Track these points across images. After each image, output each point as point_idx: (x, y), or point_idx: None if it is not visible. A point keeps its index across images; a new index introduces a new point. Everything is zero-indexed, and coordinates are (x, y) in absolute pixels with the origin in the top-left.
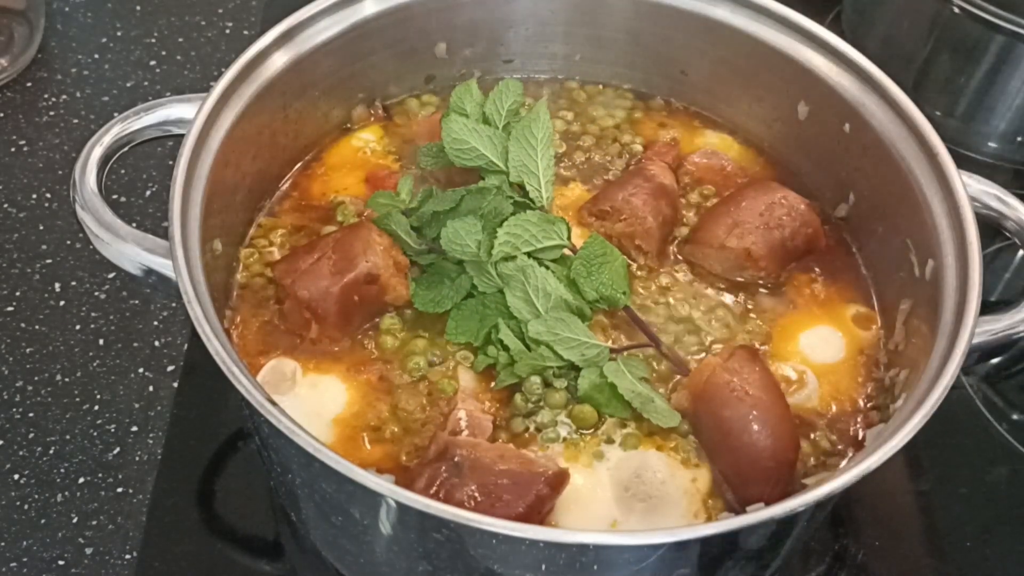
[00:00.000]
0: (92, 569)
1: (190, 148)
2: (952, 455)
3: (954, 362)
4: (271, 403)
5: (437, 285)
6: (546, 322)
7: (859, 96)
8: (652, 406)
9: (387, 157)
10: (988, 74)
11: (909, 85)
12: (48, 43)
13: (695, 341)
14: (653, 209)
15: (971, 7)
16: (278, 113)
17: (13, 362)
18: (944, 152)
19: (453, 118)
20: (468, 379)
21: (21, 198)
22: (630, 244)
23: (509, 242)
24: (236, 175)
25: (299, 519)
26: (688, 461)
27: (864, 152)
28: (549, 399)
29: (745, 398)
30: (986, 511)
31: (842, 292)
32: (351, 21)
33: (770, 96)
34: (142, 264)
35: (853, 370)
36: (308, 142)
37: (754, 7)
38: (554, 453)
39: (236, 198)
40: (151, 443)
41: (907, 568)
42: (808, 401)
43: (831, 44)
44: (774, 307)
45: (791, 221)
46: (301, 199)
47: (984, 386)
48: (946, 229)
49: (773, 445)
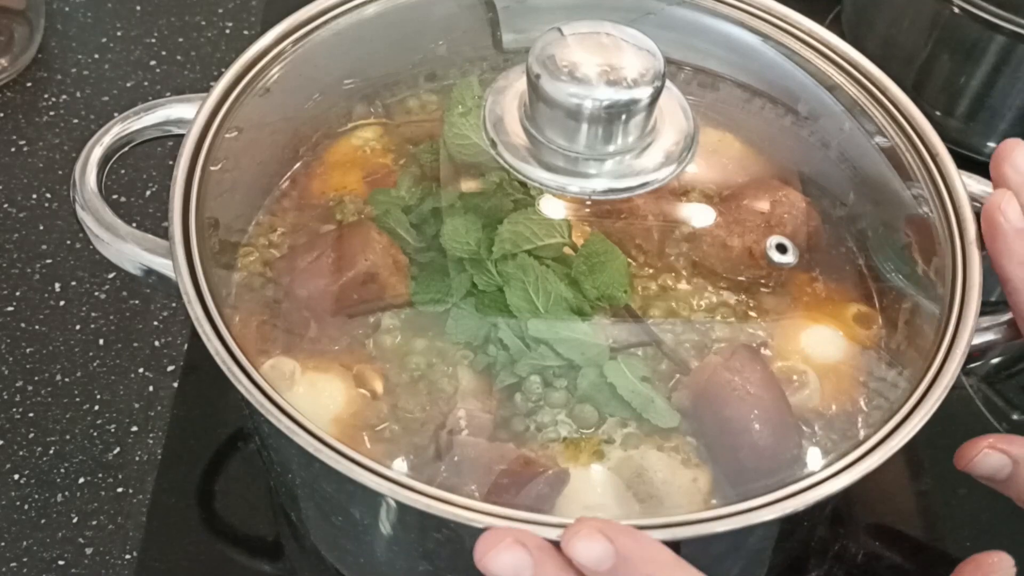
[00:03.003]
0: (92, 569)
1: (191, 148)
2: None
3: (954, 362)
4: (271, 403)
5: (436, 283)
6: (546, 321)
7: (858, 96)
8: (652, 406)
9: (386, 155)
10: (988, 74)
11: (909, 85)
12: (48, 43)
13: (696, 340)
14: (650, 207)
15: (971, 7)
16: (277, 112)
17: (13, 362)
18: (944, 152)
19: (455, 113)
20: (468, 378)
21: (21, 198)
22: (630, 243)
23: (510, 239)
24: (235, 174)
25: (299, 519)
26: (689, 461)
27: (863, 152)
28: (549, 398)
29: (747, 397)
30: (986, 511)
31: (843, 291)
32: (351, 21)
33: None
34: (142, 264)
35: (854, 369)
36: (307, 141)
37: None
38: (554, 452)
39: (235, 197)
40: (151, 443)
41: (907, 568)
42: (809, 400)
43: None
44: (775, 306)
45: (792, 219)
46: (300, 198)
47: (984, 386)
48: (946, 229)
49: (775, 444)
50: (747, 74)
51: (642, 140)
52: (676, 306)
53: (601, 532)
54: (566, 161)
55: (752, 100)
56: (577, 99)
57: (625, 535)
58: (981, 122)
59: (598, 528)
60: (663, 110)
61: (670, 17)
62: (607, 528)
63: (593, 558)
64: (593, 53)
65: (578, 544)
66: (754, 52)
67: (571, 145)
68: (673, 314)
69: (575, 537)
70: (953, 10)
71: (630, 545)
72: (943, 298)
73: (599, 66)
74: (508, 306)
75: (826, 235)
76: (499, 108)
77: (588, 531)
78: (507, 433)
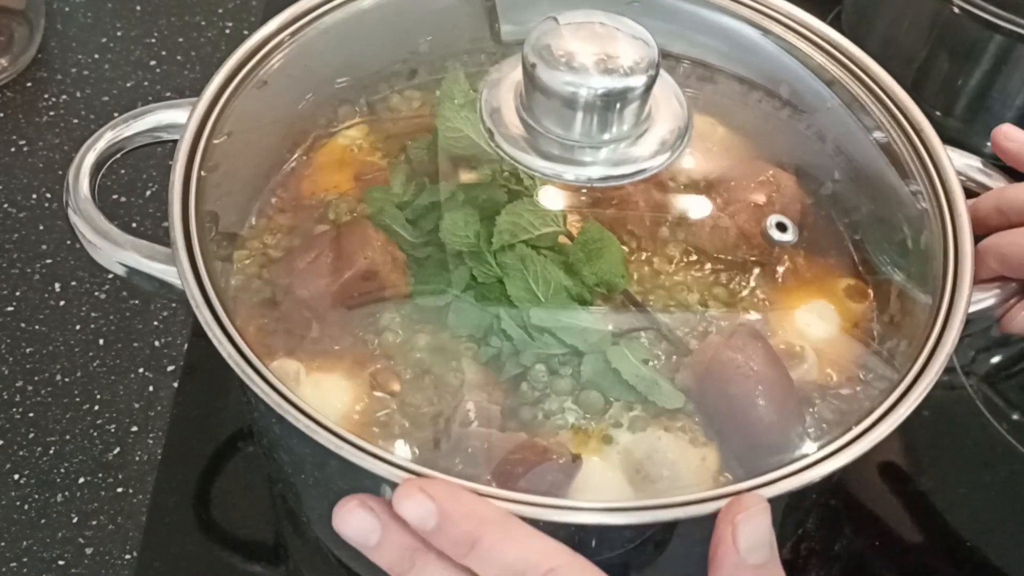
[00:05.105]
0: (92, 569)
1: (185, 154)
2: (952, 455)
3: (952, 332)
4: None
5: (436, 278)
6: (548, 309)
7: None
8: (657, 388)
9: (374, 153)
10: (988, 74)
11: (908, 84)
12: (48, 43)
13: (694, 321)
14: (642, 193)
15: (971, 7)
16: (266, 115)
17: (13, 362)
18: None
19: (447, 106)
20: (473, 370)
21: (21, 198)
22: (621, 229)
23: (509, 230)
24: (228, 178)
25: (306, 518)
26: (696, 440)
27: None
28: (555, 386)
29: (751, 374)
30: (986, 511)
31: (833, 266)
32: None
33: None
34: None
35: (850, 343)
36: (296, 142)
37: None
38: (564, 439)
39: (230, 200)
40: (151, 443)
41: (907, 568)
42: (808, 375)
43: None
44: (768, 284)
45: (780, 198)
46: (292, 199)
47: (984, 386)
48: (934, 204)
49: (781, 419)
50: (743, 66)
51: (637, 128)
52: (673, 289)
53: (423, 491)
54: (562, 149)
55: (749, 92)
56: (573, 88)
57: (446, 493)
58: (980, 122)
59: (419, 487)
60: (658, 99)
61: (667, 9)
62: (429, 486)
63: (417, 517)
64: (588, 42)
65: (402, 504)
66: (751, 44)
67: (567, 133)
68: (671, 297)
69: (400, 497)
70: (953, 10)
71: (451, 503)
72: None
73: (594, 55)
74: (509, 297)
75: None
76: (495, 99)
77: (409, 490)
78: (516, 423)
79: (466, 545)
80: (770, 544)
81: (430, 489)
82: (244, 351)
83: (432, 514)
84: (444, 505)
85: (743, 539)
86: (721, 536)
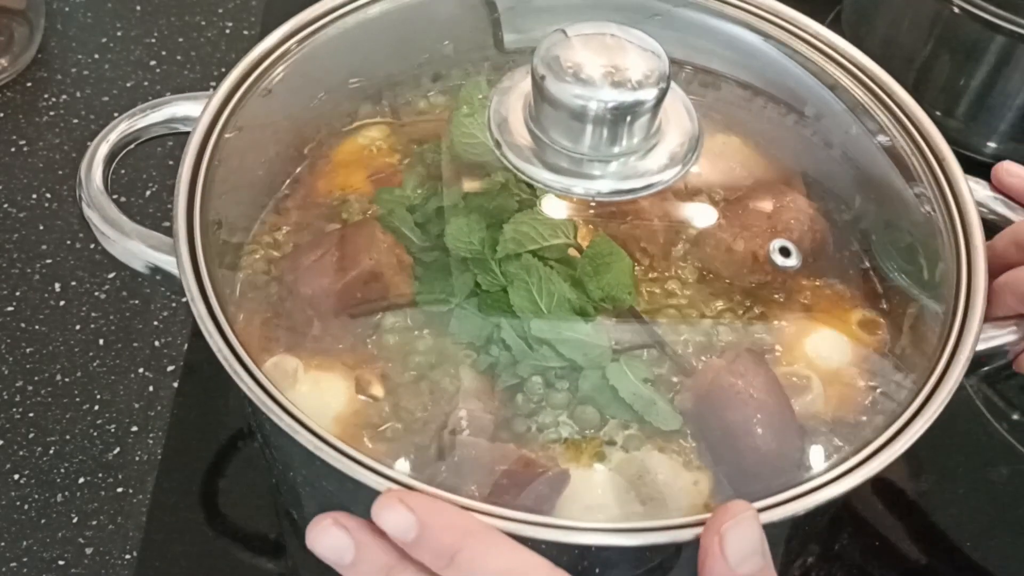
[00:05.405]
0: (92, 569)
1: (196, 146)
2: (952, 455)
3: (957, 367)
4: (273, 401)
5: (440, 283)
6: (549, 321)
7: (863, 99)
8: (654, 408)
9: (393, 155)
10: (989, 74)
11: (909, 85)
12: (48, 43)
13: (700, 344)
14: (654, 208)
15: (971, 7)
16: (283, 111)
17: (13, 362)
18: (951, 157)
19: (463, 112)
20: (470, 378)
21: (21, 198)
22: (634, 245)
23: (515, 239)
24: (240, 172)
25: (301, 517)
26: (690, 464)
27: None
28: (551, 399)
29: (750, 401)
30: (986, 511)
31: (848, 297)
32: (356, 20)
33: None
34: (148, 262)
35: (858, 375)
36: (314, 140)
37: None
38: (555, 453)
39: (240, 196)
40: (151, 443)
41: (907, 568)
42: (812, 405)
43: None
44: (780, 311)
45: (798, 225)
46: (307, 196)
47: (984, 386)
48: (952, 234)
49: (777, 448)
50: (750, 74)
51: (647, 142)
52: (680, 308)
53: (402, 502)
54: (571, 162)
55: (754, 100)
56: (582, 100)
57: (426, 505)
58: (981, 122)
59: (399, 498)
60: (668, 111)
61: (674, 18)
62: (408, 498)
63: (397, 528)
64: (597, 54)
65: (382, 515)
66: (757, 52)
67: (576, 146)
68: (677, 316)
69: (379, 508)
70: (953, 10)
71: (432, 515)
72: (947, 301)
73: (604, 67)
74: (511, 306)
75: (832, 240)
76: (504, 109)
77: (389, 501)
78: (508, 434)
79: (446, 557)
80: (762, 552)
81: (410, 501)
82: (234, 345)
83: (412, 526)
84: (425, 517)
85: (732, 549)
86: (707, 547)
